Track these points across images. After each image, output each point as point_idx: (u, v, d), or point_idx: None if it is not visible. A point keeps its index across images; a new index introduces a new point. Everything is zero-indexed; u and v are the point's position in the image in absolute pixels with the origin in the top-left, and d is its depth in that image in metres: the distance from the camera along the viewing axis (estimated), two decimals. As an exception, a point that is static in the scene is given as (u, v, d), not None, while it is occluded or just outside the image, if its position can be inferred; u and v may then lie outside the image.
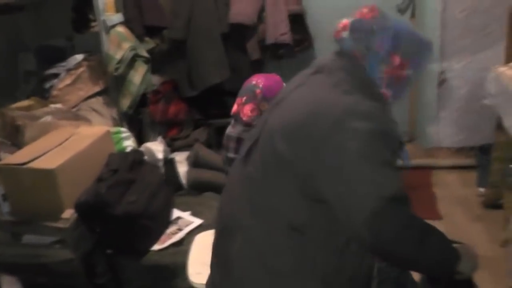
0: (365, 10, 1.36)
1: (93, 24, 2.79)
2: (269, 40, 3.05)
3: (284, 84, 1.94)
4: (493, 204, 2.66)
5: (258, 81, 1.82)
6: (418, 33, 1.39)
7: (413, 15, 3.20)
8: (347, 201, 1.19)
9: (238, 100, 1.82)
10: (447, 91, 3.17)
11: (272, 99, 1.87)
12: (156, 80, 3.25)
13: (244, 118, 1.77)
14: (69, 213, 1.90)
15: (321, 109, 1.25)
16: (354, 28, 1.34)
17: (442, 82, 3.14)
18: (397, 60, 1.33)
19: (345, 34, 1.35)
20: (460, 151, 3.28)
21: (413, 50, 1.35)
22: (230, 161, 1.85)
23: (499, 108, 2.37)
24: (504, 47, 2.75)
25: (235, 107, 1.82)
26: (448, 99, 3.19)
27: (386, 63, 1.32)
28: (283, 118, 1.32)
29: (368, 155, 1.19)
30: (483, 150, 2.90)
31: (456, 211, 2.77)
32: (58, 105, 2.65)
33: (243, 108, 1.78)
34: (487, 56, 3.03)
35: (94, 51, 2.84)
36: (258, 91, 1.78)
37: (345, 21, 1.36)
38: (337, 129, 1.20)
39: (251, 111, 1.76)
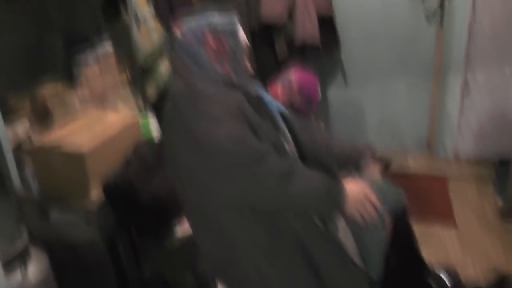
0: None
1: (124, 16, 2.83)
2: (298, 41, 3.02)
3: (319, 86, 1.98)
4: (510, 215, 2.65)
5: (296, 74, 1.87)
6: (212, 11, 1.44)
7: (441, 26, 3.20)
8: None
9: (272, 86, 1.88)
10: (470, 102, 3.18)
11: (305, 95, 1.91)
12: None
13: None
14: (95, 195, 1.95)
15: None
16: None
17: (465, 93, 3.14)
18: (209, 38, 1.38)
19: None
20: (478, 161, 3.28)
21: (217, 23, 1.39)
22: None
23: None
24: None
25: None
26: (471, 110, 3.19)
27: (203, 46, 1.37)
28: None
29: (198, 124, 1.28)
30: (502, 162, 2.91)
31: (473, 221, 2.74)
32: (86, 91, 2.69)
33: (276, 89, 1.83)
34: (512, 69, 3.04)
35: (123, 41, 2.87)
36: (295, 85, 1.83)
37: None
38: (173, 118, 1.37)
39: (283, 96, 1.81)
